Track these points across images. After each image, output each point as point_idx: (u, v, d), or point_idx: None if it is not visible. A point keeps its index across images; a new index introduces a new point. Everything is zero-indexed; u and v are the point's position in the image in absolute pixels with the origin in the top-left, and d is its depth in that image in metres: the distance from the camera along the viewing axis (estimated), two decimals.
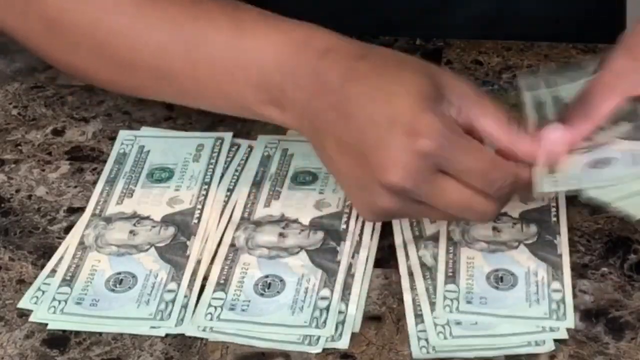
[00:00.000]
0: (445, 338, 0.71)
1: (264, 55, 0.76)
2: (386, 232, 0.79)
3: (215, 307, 0.73)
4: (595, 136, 0.74)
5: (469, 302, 0.73)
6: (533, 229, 0.79)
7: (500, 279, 0.75)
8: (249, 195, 0.82)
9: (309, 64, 0.74)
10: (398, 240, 0.78)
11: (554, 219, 0.79)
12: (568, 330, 0.71)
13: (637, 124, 0.74)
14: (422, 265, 0.76)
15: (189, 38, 0.79)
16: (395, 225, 0.79)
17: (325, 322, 0.72)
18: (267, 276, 0.76)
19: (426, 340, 0.71)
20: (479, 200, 0.71)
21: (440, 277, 0.75)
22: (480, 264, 0.76)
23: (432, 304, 0.73)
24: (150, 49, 0.80)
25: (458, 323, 0.72)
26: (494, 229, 0.78)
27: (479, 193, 0.71)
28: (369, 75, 0.72)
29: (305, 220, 0.80)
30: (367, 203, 0.73)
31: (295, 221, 0.80)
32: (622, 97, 0.74)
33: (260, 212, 0.81)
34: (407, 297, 0.74)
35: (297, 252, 0.77)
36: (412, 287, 0.74)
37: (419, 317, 0.72)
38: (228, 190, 0.83)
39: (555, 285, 0.74)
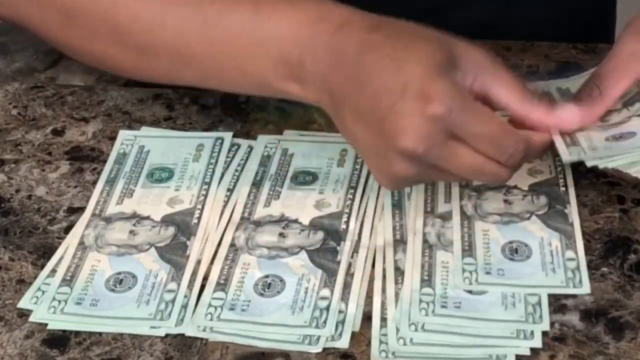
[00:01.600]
0: (404, 344, 0.71)
1: (282, 32, 0.76)
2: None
3: (215, 307, 0.73)
4: (609, 117, 0.76)
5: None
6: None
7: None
8: (249, 195, 0.82)
9: (325, 38, 0.75)
10: (380, 241, 0.78)
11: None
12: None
13: None
14: (396, 269, 0.76)
15: (207, 18, 0.79)
16: (380, 226, 0.79)
17: (325, 322, 0.72)
18: (267, 276, 0.76)
19: (386, 344, 0.71)
20: (491, 165, 0.72)
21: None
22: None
23: (401, 308, 0.73)
24: (169, 32, 0.81)
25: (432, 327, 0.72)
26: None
27: (491, 159, 0.72)
28: (383, 45, 0.73)
29: (306, 220, 0.80)
30: (384, 170, 0.73)
31: (295, 221, 0.80)
32: (634, 79, 0.75)
33: (260, 212, 0.81)
34: (377, 299, 0.74)
35: (297, 252, 0.77)
36: (383, 290, 0.75)
37: (384, 320, 0.72)
38: (228, 190, 0.83)
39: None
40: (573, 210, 0.79)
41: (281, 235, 0.79)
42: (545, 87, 0.81)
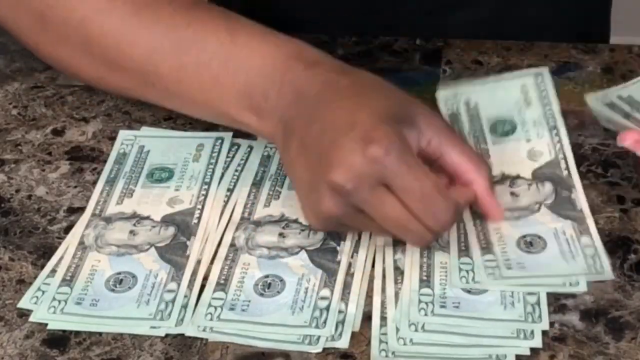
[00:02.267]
0: (404, 344, 0.71)
1: (254, 64, 0.78)
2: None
3: (215, 307, 0.73)
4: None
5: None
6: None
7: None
8: (249, 195, 0.82)
9: (294, 75, 0.76)
10: (379, 241, 0.78)
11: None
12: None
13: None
14: (396, 269, 0.76)
15: (181, 42, 0.80)
16: None
17: (325, 322, 0.72)
18: (267, 276, 0.76)
19: (386, 344, 0.71)
20: (415, 223, 0.72)
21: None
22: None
23: (401, 308, 0.73)
24: (139, 50, 0.81)
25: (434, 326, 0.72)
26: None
27: (418, 219, 0.72)
28: (346, 89, 0.75)
29: (306, 221, 0.80)
30: (313, 206, 0.74)
31: (295, 221, 0.80)
32: None
33: (260, 212, 0.81)
34: (377, 299, 0.74)
35: (297, 252, 0.77)
36: (383, 290, 0.75)
37: (383, 320, 0.72)
38: (228, 190, 0.83)
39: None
40: (579, 196, 0.79)
41: (281, 235, 0.79)
42: (606, 99, 0.82)
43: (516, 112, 0.83)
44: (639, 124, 0.79)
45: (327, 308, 0.73)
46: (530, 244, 0.77)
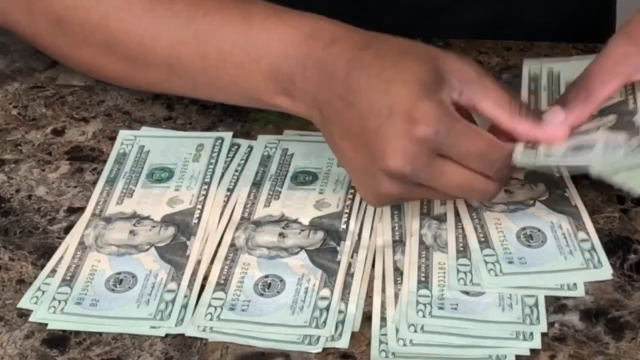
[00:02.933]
0: (404, 345, 0.71)
1: (273, 47, 0.77)
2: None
3: (215, 307, 0.73)
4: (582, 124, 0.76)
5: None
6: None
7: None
8: (249, 195, 0.82)
9: (316, 55, 0.76)
10: (379, 241, 0.78)
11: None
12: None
13: (622, 117, 0.76)
14: (396, 269, 0.76)
15: (199, 32, 0.80)
16: (379, 227, 0.79)
17: (325, 322, 0.72)
18: (267, 276, 0.76)
19: (386, 344, 0.71)
20: (479, 181, 0.73)
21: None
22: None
23: (400, 309, 0.73)
24: (161, 45, 0.82)
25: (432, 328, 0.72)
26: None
27: (479, 174, 0.72)
28: (372, 64, 0.74)
29: (305, 220, 0.80)
30: (371, 189, 0.74)
31: (295, 221, 0.80)
32: (622, 81, 0.75)
33: (260, 212, 0.81)
34: (377, 299, 0.74)
35: (297, 252, 0.77)
36: (383, 290, 0.75)
37: (383, 320, 0.72)
38: (228, 190, 0.83)
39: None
40: (573, 192, 0.80)
41: (281, 235, 0.79)
42: (537, 69, 0.84)
43: None
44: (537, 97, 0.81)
45: (327, 308, 0.73)
46: (530, 237, 0.77)
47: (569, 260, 0.75)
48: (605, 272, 0.75)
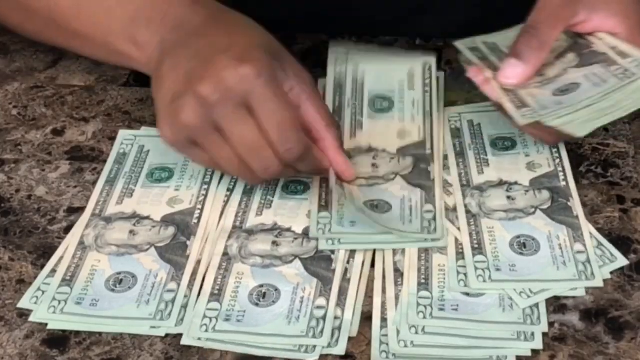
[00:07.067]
0: (405, 346, 0.71)
1: None
2: None
3: (211, 319, 0.73)
4: (544, 72, 0.79)
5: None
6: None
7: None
8: (240, 204, 0.81)
9: (181, 7, 0.81)
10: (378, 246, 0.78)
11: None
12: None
13: (582, 52, 0.80)
14: (396, 270, 0.76)
15: None
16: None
17: (322, 331, 0.72)
18: (261, 286, 0.75)
19: (387, 345, 0.71)
20: (267, 151, 0.75)
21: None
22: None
23: (401, 310, 0.73)
24: None
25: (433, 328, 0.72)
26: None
27: (271, 145, 0.75)
28: (228, 21, 0.80)
29: (298, 229, 0.79)
30: (172, 115, 0.75)
31: (289, 230, 0.79)
32: (565, 25, 0.81)
33: (252, 220, 0.80)
34: (377, 300, 0.74)
35: (291, 261, 0.77)
36: (383, 291, 0.75)
37: (384, 321, 0.72)
38: (228, 190, 0.83)
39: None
40: (576, 203, 0.80)
41: (274, 243, 0.78)
42: (472, 43, 0.85)
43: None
44: (490, 66, 0.81)
45: (324, 317, 0.72)
46: (523, 245, 0.76)
47: (562, 270, 0.74)
48: (597, 284, 0.74)
